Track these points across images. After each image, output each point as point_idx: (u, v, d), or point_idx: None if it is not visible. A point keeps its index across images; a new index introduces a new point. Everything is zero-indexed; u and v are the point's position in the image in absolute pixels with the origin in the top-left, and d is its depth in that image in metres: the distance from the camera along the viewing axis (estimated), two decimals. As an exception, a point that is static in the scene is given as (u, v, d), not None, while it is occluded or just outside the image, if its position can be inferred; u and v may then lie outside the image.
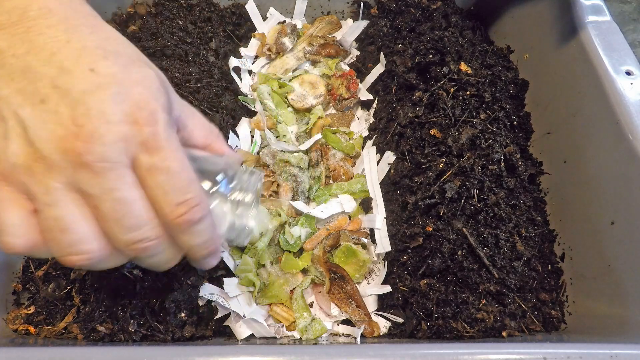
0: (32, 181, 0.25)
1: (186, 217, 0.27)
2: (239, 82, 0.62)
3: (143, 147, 0.26)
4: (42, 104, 0.24)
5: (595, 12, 0.48)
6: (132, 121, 0.25)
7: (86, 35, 0.26)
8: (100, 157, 0.24)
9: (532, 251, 0.44)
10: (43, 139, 0.24)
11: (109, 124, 0.25)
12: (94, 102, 0.25)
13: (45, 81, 0.25)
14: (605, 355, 0.29)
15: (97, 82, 0.25)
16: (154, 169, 0.26)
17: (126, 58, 0.27)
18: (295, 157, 0.54)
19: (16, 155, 0.25)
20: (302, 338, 0.44)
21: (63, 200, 0.25)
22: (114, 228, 0.26)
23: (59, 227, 0.25)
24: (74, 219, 0.26)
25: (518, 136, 0.52)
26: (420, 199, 0.46)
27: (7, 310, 0.42)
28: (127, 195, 0.26)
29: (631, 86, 0.42)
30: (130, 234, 0.26)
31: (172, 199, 0.27)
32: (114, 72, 0.26)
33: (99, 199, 0.25)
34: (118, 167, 0.25)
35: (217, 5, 0.64)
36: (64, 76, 0.25)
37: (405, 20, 0.59)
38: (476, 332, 0.39)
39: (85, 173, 0.25)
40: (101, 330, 0.38)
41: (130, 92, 0.26)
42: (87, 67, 0.25)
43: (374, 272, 0.49)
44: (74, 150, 0.24)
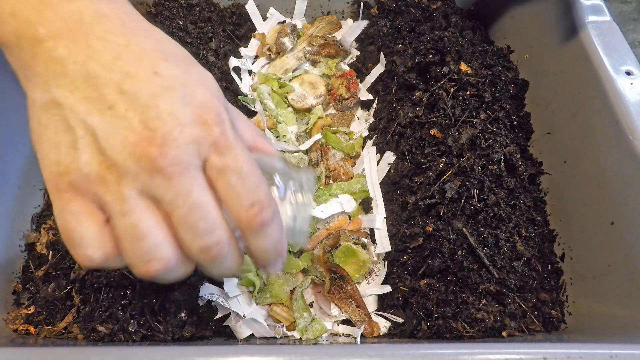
0: (105, 190, 0.24)
1: (260, 218, 0.27)
2: (239, 82, 0.62)
3: (214, 148, 0.25)
4: (110, 110, 0.24)
5: (595, 12, 0.48)
6: (201, 122, 0.25)
7: (143, 38, 0.26)
8: (174, 160, 0.24)
9: (532, 251, 0.44)
10: (115, 146, 0.24)
11: (181, 126, 0.24)
12: (164, 104, 0.24)
13: (111, 87, 0.24)
14: (605, 355, 0.29)
15: (163, 84, 0.25)
16: (226, 170, 0.26)
17: (183, 59, 0.27)
18: (295, 157, 0.54)
19: (88, 165, 0.24)
20: (302, 338, 0.44)
21: (137, 208, 0.25)
22: (188, 233, 0.26)
23: (134, 235, 0.25)
24: (149, 226, 0.25)
25: (518, 136, 0.52)
26: (420, 199, 0.46)
27: (7, 310, 0.42)
28: (201, 199, 0.25)
29: (631, 86, 0.42)
30: (204, 238, 0.26)
31: (245, 201, 0.26)
32: (177, 74, 0.25)
33: (172, 204, 0.25)
34: (191, 170, 0.25)
35: (217, 5, 0.64)
36: (129, 81, 0.24)
37: (405, 20, 0.59)
38: (476, 332, 0.39)
39: (159, 178, 0.24)
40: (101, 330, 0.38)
41: (195, 93, 0.25)
42: (151, 70, 0.25)
43: (374, 272, 0.49)
44: (148, 156, 0.23)
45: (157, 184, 0.24)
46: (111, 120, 0.24)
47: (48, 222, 0.46)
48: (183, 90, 0.25)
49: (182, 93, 0.25)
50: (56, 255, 0.43)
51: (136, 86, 0.24)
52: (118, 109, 0.24)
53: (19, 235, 0.45)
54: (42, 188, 0.49)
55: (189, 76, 0.26)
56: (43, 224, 0.46)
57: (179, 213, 0.25)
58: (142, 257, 0.25)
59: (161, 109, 0.24)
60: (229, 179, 0.26)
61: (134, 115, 0.24)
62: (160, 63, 0.25)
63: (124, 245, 0.25)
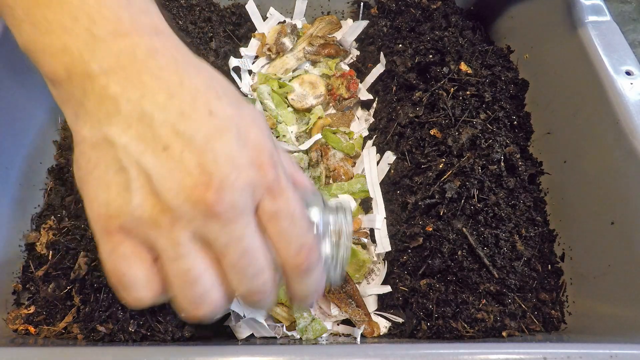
0: (158, 234, 0.24)
1: (306, 264, 0.26)
2: (239, 82, 0.62)
3: (268, 191, 0.25)
4: (165, 152, 0.23)
5: (595, 12, 0.48)
6: (257, 165, 0.24)
7: (195, 75, 0.25)
8: (230, 205, 0.23)
9: (532, 251, 0.44)
10: (170, 190, 0.23)
11: (237, 170, 0.23)
12: (220, 147, 0.23)
13: (166, 127, 0.23)
14: (605, 355, 0.29)
15: (219, 125, 0.24)
16: (279, 215, 0.25)
17: (235, 97, 0.26)
18: (295, 157, 0.54)
19: (141, 207, 0.23)
20: (302, 338, 0.44)
21: (190, 253, 0.24)
22: (236, 276, 0.25)
23: (186, 280, 0.24)
24: (200, 271, 0.24)
25: (518, 136, 0.52)
26: (420, 199, 0.46)
27: (7, 310, 0.42)
28: (253, 244, 0.25)
29: (631, 86, 0.42)
30: (251, 282, 0.26)
31: (294, 245, 0.26)
32: (231, 114, 0.25)
33: (225, 248, 0.24)
34: (246, 215, 0.24)
35: (217, 5, 0.64)
36: (184, 121, 0.23)
37: (405, 20, 0.59)
38: (476, 332, 0.39)
39: (214, 223, 0.23)
40: (101, 330, 0.38)
41: (249, 134, 0.25)
42: (206, 110, 0.24)
43: (374, 272, 0.49)
44: (205, 201, 0.23)
45: (212, 228, 0.24)
46: (166, 162, 0.23)
47: (48, 222, 0.46)
48: (238, 131, 0.24)
49: (237, 134, 0.24)
50: (56, 255, 0.43)
51: (192, 127, 0.23)
52: (173, 151, 0.23)
53: (19, 235, 0.45)
54: (42, 188, 0.50)
55: (241, 115, 0.25)
56: (43, 224, 0.46)
57: (231, 258, 0.25)
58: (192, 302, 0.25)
59: (218, 152, 0.23)
60: (281, 224, 0.25)
61: (191, 157, 0.23)
62: (214, 102, 0.25)
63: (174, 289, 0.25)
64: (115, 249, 0.24)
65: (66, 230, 0.44)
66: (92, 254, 0.41)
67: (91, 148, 0.24)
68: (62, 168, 0.50)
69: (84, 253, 0.41)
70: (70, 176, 0.49)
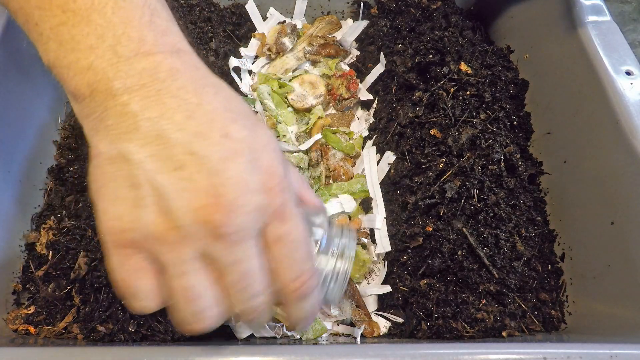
0: (164, 250, 0.24)
1: (303, 290, 0.27)
2: (239, 82, 0.62)
3: (275, 216, 0.26)
4: (179, 171, 0.24)
5: (595, 12, 0.48)
6: (267, 190, 0.25)
7: (213, 96, 0.26)
8: (237, 228, 0.24)
9: (532, 251, 0.44)
10: (180, 209, 0.23)
11: (247, 194, 0.24)
12: (232, 170, 0.24)
13: (181, 147, 0.24)
14: (605, 355, 0.29)
15: (233, 148, 0.24)
16: (283, 240, 0.26)
17: (250, 119, 0.27)
18: (295, 157, 0.54)
19: (151, 224, 0.24)
20: (302, 338, 0.44)
21: (194, 270, 0.25)
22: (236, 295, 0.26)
23: (187, 297, 0.25)
24: (201, 289, 0.25)
25: (518, 136, 0.52)
26: (420, 199, 0.46)
27: (7, 310, 0.42)
28: (255, 266, 0.26)
29: (631, 86, 0.42)
30: (249, 302, 0.26)
31: (294, 271, 0.27)
32: (245, 137, 0.25)
33: (227, 268, 0.25)
34: (251, 238, 0.25)
35: (217, 5, 0.64)
36: (200, 142, 0.24)
37: (405, 20, 0.59)
38: (476, 332, 0.39)
39: (220, 244, 0.24)
40: (101, 330, 0.38)
41: (262, 158, 0.25)
42: (221, 132, 0.25)
43: (374, 272, 0.49)
44: (213, 222, 0.23)
45: (217, 248, 0.24)
46: (179, 182, 0.24)
47: (48, 222, 0.46)
48: (251, 155, 0.25)
49: (250, 158, 0.25)
50: (56, 255, 0.43)
51: (207, 149, 0.24)
52: (187, 171, 0.24)
53: (19, 235, 0.45)
54: (42, 188, 0.50)
55: (256, 139, 0.26)
56: (43, 224, 0.46)
57: (232, 278, 0.25)
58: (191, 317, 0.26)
59: (230, 175, 0.24)
60: (283, 249, 0.26)
61: (202, 178, 0.24)
62: (230, 124, 0.25)
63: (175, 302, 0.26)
64: (125, 261, 0.25)
65: (66, 230, 0.44)
66: (92, 254, 0.41)
67: (107, 162, 0.25)
68: (62, 168, 0.50)
69: (84, 253, 0.41)
70: (70, 176, 0.49)
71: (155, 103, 0.24)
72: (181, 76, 0.25)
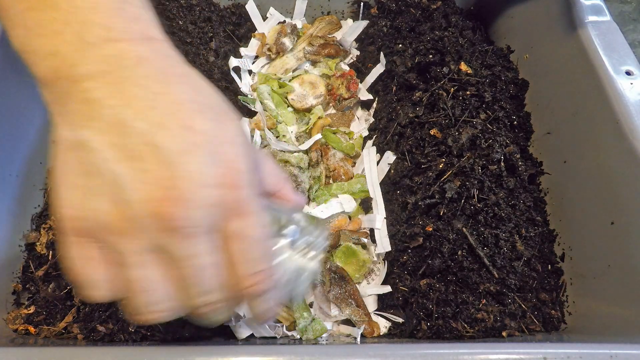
0: (119, 241, 0.24)
1: (258, 288, 0.27)
2: (239, 82, 0.62)
3: (233, 212, 0.25)
4: (136, 162, 0.23)
5: (595, 12, 0.48)
6: (225, 184, 0.25)
7: (180, 86, 0.25)
8: (191, 222, 0.24)
9: (532, 251, 0.44)
10: (134, 200, 0.23)
11: (204, 188, 0.24)
12: (190, 163, 0.24)
13: (141, 137, 0.23)
14: (605, 355, 0.29)
15: (193, 140, 0.24)
16: (238, 236, 0.26)
17: (217, 112, 0.26)
18: (295, 157, 0.54)
19: (106, 213, 0.24)
20: (302, 338, 0.44)
21: (147, 262, 0.25)
22: (190, 289, 0.26)
23: (140, 287, 0.25)
24: (155, 280, 0.25)
25: (518, 136, 0.52)
26: (420, 199, 0.46)
27: (7, 310, 0.42)
28: (208, 261, 0.25)
29: (631, 86, 0.42)
30: (203, 297, 0.26)
31: (248, 268, 0.26)
32: (208, 129, 0.25)
33: (180, 262, 0.25)
34: (206, 233, 0.25)
35: (217, 5, 0.64)
36: (161, 133, 0.23)
37: (405, 20, 0.59)
38: (476, 332, 0.39)
39: (173, 237, 0.24)
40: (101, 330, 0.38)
41: (224, 152, 0.25)
42: (183, 124, 0.24)
43: (374, 272, 0.49)
44: (167, 215, 0.23)
45: (171, 242, 0.24)
46: (135, 172, 0.23)
47: (48, 222, 0.46)
48: (212, 149, 0.24)
49: (211, 151, 0.24)
50: (56, 255, 0.43)
51: (166, 140, 0.23)
52: (145, 162, 0.23)
53: (19, 235, 0.45)
54: (42, 188, 0.50)
55: (220, 132, 0.25)
56: (43, 224, 0.46)
57: (185, 272, 0.25)
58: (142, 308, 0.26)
59: (188, 168, 0.23)
60: (239, 245, 0.26)
61: (160, 170, 0.23)
62: (195, 116, 0.25)
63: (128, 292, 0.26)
64: (78, 249, 0.25)
65: (66, 230, 0.44)
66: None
67: (68, 149, 0.24)
68: (62, 168, 0.50)
69: (84, 253, 0.41)
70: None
71: (118, 91, 0.24)
72: (148, 65, 0.25)
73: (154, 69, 0.25)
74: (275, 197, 0.32)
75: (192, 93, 0.26)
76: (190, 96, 0.25)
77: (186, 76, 0.27)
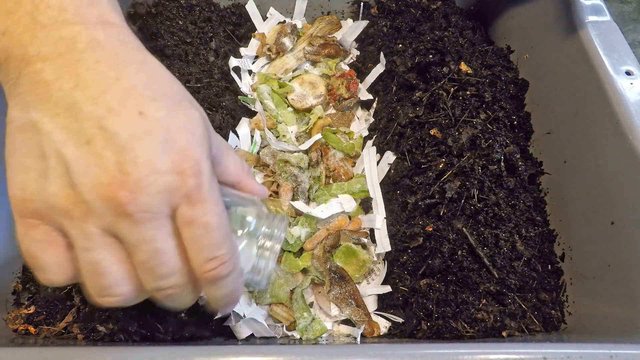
0: (70, 224, 0.24)
1: (214, 273, 0.27)
2: (239, 82, 0.62)
3: (186, 199, 0.25)
4: (87, 145, 0.23)
5: (595, 12, 0.48)
6: (178, 171, 0.24)
7: (134, 72, 0.25)
8: (143, 208, 0.24)
9: (532, 251, 0.44)
10: (85, 184, 0.23)
11: (155, 174, 0.24)
12: (142, 149, 0.23)
13: (92, 121, 0.23)
14: (605, 355, 0.29)
15: (145, 126, 0.24)
16: (193, 223, 0.25)
17: (173, 99, 0.26)
18: (295, 157, 0.54)
19: (55, 196, 0.24)
20: (302, 338, 0.44)
21: (100, 246, 0.25)
22: (145, 274, 0.26)
23: (95, 271, 0.25)
24: (109, 264, 0.25)
25: (518, 136, 0.52)
26: (420, 199, 0.46)
27: (7, 310, 0.42)
28: (163, 247, 0.25)
29: (631, 86, 0.42)
30: (160, 282, 0.26)
31: (205, 254, 0.26)
32: (162, 116, 0.25)
33: (135, 247, 0.25)
34: (159, 218, 0.25)
35: (217, 5, 0.64)
36: (111, 117, 0.23)
37: (405, 20, 0.59)
38: (476, 332, 0.39)
39: (125, 222, 0.24)
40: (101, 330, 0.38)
41: (177, 139, 0.25)
42: (136, 110, 0.24)
43: (374, 272, 0.49)
44: (117, 200, 0.23)
45: (123, 226, 0.24)
46: (86, 156, 0.23)
47: (48, 222, 0.46)
48: (165, 136, 0.24)
49: (163, 138, 0.24)
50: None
51: (117, 125, 0.23)
52: (95, 146, 0.23)
53: (19, 235, 0.45)
54: (42, 188, 0.49)
55: (174, 119, 0.25)
56: (43, 224, 0.46)
57: (140, 256, 0.25)
58: (99, 291, 0.26)
59: (138, 153, 0.23)
60: (194, 232, 0.26)
61: (110, 155, 0.23)
62: (148, 102, 0.25)
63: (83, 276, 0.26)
64: (28, 232, 0.25)
65: (66, 230, 0.44)
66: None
67: (18, 130, 0.24)
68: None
69: (84, 253, 0.41)
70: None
71: (70, 74, 0.24)
72: (102, 49, 0.25)
73: (108, 53, 0.25)
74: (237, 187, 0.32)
75: (147, 80, 0.26)
76: (144, 83, 0.25)
77: (142, 63, 0.26)
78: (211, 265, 0.26)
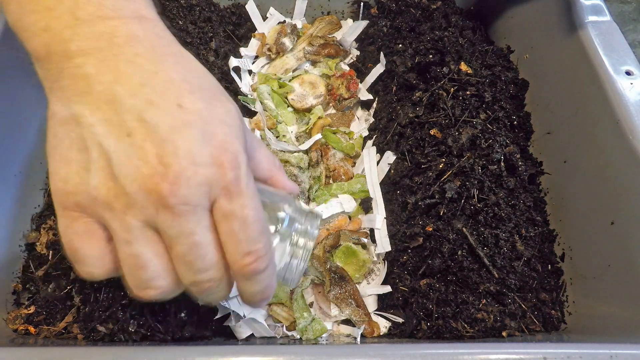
0: (111, 216, 0.24)
1: (252, 268, 0.27)
2: (239, 82, 0.62)
3: (224, 192, 0.25)
4: (128, 138, 0.23)
5: (595, 12, 0.48)
6: (217, 164, 0.25)
7: (172, 66, 0.26)
8: (183, 200, 0.24)
9: (532, 251, 0.44)
10: (127, 176, 0.23)
11: (195, 166, 0.24)
12: (182, 141, 0.24)
13: (133, 114, 0.24)
14: (605, 355, 0.29)
15: (185, 119, 0.24)
16: (231, 216, 0.25)
17: (210, 92, 0.27)
18: (295, 157, 0.54)
19: (97, 189, 0.24)
20: (302, 338, 0.44)
21: (140, 238, 0.25)
22: (184, 267, 0.26)
23: (135, 263, 0.25)
24: (149, 257, 0.25)
25: (518, 136, 0.52)
26: (420, 199, 0.46)
27: (7, 310, 0.42)
28: (202, 239, 0.25)
29: (631, 86, 0.42)
30: (197, 275, 0.26)
31: (242, 248, 0.26)
32: (200, 109, 0.25)
33: (174, 240, 0.25)
34: (198, 211, 0.25)
35: (217, 5, 0.64)
36: (151, 110, 0.24)
37: (405, 20, 0.59)
38: (476, 332, 0.39)
39: (166, 214, 0.24)
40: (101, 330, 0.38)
41: (216, 131, 0.25)
42: (175, 102, 0.24)
43: (374, 272, 0.49)
44: (159, 192, 0.23)
45: (163, 219, 0.24)
46: (127, 148, 0.23)
47: (48, 222, 0.46)
48: (204, 128, 0.25)
49: (202, 130, 0.24)
50: (56, 255, 0.43)
51: (158, 117, 0.24)
52: (136, 138, 0.23)
53: (19, 235, 0.45)
54: (42, 188, 0.49)
55: (212, 112, 0.25)
56: (43, 224, 0.46)
57: (179, 249, 0.25)
58: (139, 284, 0.26)
59: (179, 145, 0.24)
60: (232, 225, 0.26)
61: (151, 147, 0.23)
62: (186, 95, 0.25)
63: (124, 269, 0.26)
64: (71, 224, 0.25)
65: (66, 230, 0.44)
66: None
67: (60, 124, 0.25)
68: (62, 168, 0.50)
69: (84, 253, 0.41)
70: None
71: (110, 67, 0.24)
72: (140, 43, 0.25)
73: (145, 47, 0.25)
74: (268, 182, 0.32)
75: (185, 73, 0.26)
76: (182, 76, 0.26)
77: (178, 56, 0.27)
78: (248, 259, 0.26)
